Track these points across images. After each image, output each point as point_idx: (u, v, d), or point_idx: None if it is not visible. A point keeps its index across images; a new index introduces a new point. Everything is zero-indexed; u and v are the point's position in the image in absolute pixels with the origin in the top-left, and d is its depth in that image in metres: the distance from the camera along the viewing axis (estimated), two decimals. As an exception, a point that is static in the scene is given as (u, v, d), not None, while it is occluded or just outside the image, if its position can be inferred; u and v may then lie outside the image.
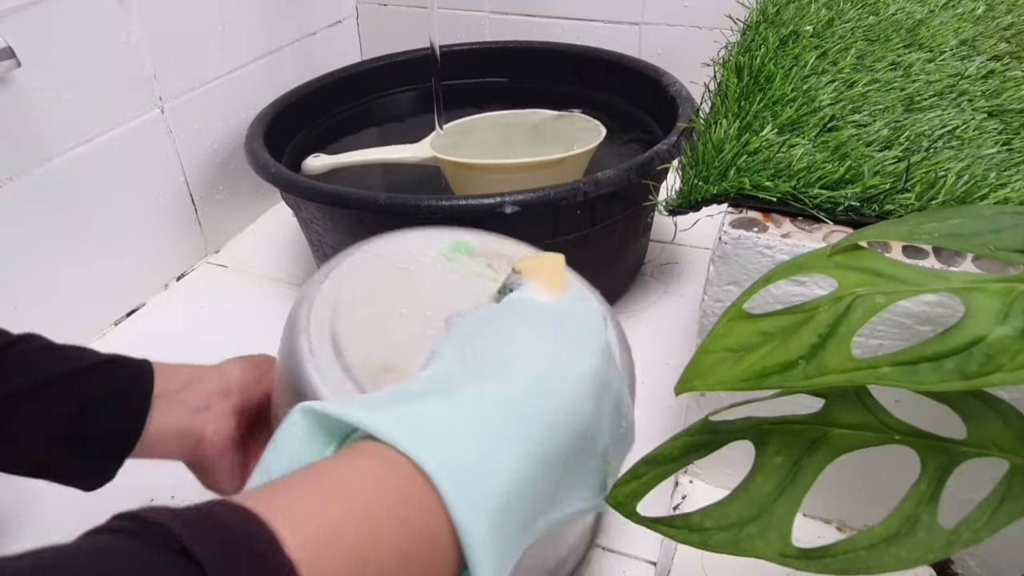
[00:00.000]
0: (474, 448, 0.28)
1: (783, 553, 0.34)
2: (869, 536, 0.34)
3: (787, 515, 0.35)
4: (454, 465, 0.27)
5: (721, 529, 0.35)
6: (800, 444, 0.36)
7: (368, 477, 0.26)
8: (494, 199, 0.61)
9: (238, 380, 0.47)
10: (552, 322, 0.37)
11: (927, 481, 0.35)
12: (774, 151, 0.49)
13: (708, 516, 0.36)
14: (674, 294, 0.83)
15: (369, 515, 0.25)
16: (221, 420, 0.46)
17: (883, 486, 0.40)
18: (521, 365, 0.32)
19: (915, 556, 0.33)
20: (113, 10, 0.74)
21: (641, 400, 0.70)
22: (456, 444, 0.27)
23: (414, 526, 0.26)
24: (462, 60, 0.98)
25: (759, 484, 0.35)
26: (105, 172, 0.77)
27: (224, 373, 0.47)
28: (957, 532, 0.34)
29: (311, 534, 0.23)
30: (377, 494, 0.26)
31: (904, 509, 0.35)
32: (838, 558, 0.34)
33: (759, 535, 0.34)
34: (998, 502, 0.33)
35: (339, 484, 0.26)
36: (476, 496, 0.26)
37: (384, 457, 0.27)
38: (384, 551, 0.25)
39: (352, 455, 0.28)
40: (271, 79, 0.96)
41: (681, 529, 0.36)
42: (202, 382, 0.46)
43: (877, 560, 0.34)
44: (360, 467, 0.27)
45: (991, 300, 0.30)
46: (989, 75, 0.58)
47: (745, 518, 0.35)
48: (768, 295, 0.47)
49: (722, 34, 0.72)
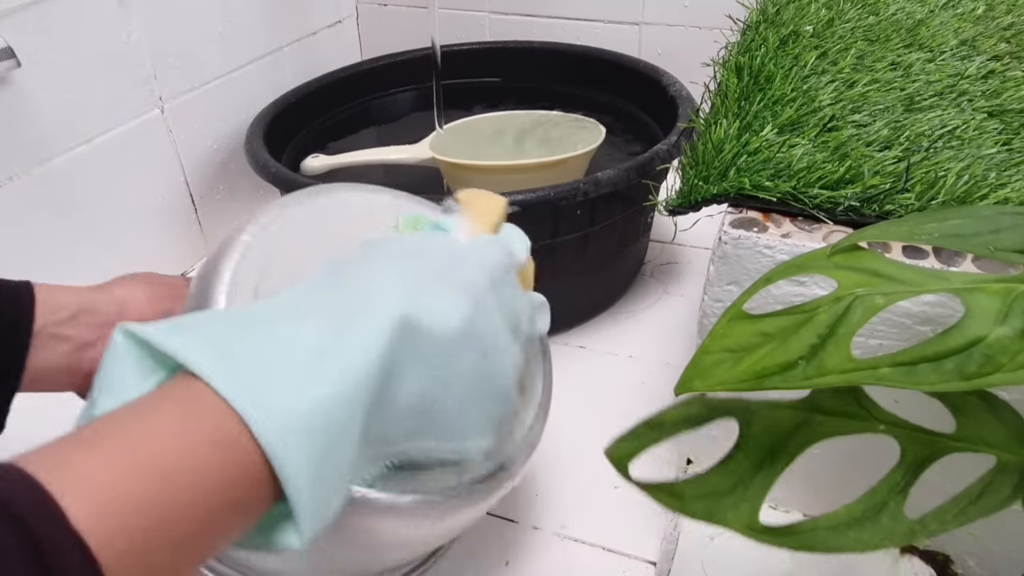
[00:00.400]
0: (279, 374, 0.26)
1: (750, 527, 0.35)
2: (832, 518, 0.35)
3: (760, 492, 0.35)
4: (257, 392, 0.25)
5: (698, 498, 0.36)
6: (783, 426, 0.36)
7: (170, 423, 0.24)
8: (494, 199, 0.61)
9: (135, 311, 0.42)
10: (433, 261, 0.35)
11: (903, 471, 0.35)
12: (774, 151, 0.49)
13: (688, 485, 0.36)
14: (674, 294, 0.83)
15: (169, 469, 0.23)
16: None
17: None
18: (373, 306, 0.30)
19: (874, 541, 0.34)
20: (113, 10, 0.74)
21: (641, 400, 0.70)
22: (262, 372, 0.26)
23: (223, 469, 0.24)
24: (462, 60, 0.98)
25: (739, 460, 0.36)
26: (105, 172, 0.77)
27: (119, 300, 0.42)
28: (923, 522, 0.34)
29: (102, 500, 0.21)
30: (179, 441, 0.24)
31: (873, 495, 0.35)
32: (798, 536, 0.35)
33: (732, 507, 0.35)
34: (975, 496, 0.34)
35: (138, 436, 0.24)
36: (280, 417, 0.25)
37: (194, 392, 0.25)
38: (189, 506, 0.23)
39: (162, 395, 0.26)
40: (271, 79, 0.96)
41: (663, 493, 0.37)
42: (91, 313, 0.41)
43: (835, 540, 0.34)
44: (165, 411, 0.25)
45: (991, 300, 0.30)
46: (989, 75, 0.58)
47: (721, 490, 0.35)
48: (768, 295, 0.47)
49: (722, 34, 0.72)
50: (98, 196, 0.77)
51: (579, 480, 0.61)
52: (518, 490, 0.61)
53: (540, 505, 0.60)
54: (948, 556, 0.53)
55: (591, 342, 0.76)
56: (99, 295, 0.42)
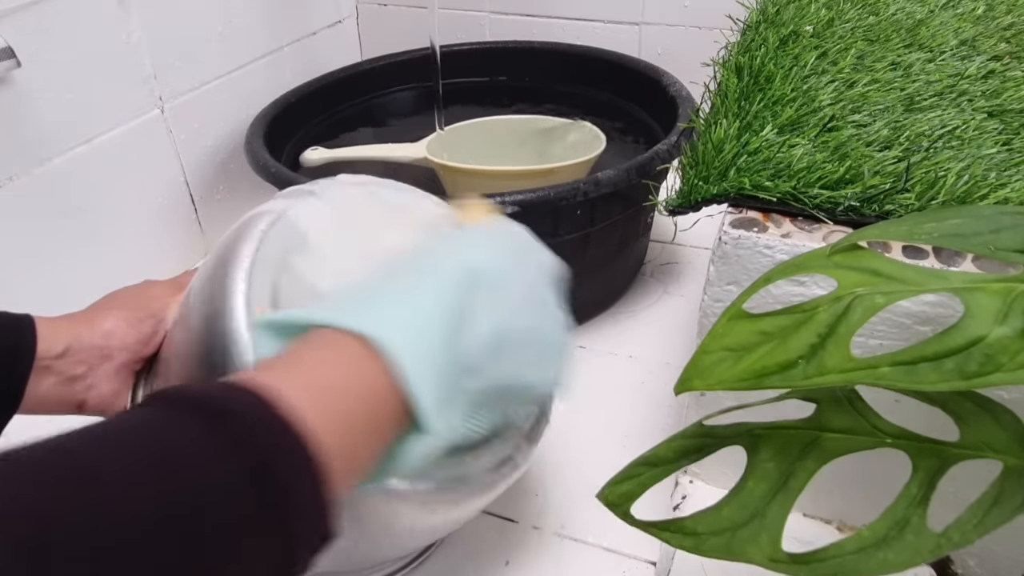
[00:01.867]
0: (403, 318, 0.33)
1: (773, 558, 0.34)
2: (857, 540, 0.34)
3: (778, 520, 0.35)
4: (392, 333, 0.32)
5: (713, 534, 0.35)
6: (792, 449, 0.36)
7: (333, 355, 0.32)
8: (494, 199, 0.61)
9: (119, 341, 0.45)
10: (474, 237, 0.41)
11: (917, 484, 0.35)
12: (774, 151, 0.49)
13: (700, 521, 0.36)
14: (674, 294, 0.83)
15: (343, 385, 0.31)
16: (103, 383, 0.45)
17: (883, 486, 0.40)
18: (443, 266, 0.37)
19: (903, 560, 0.33)
20: (113, 10, 0.74)
21: (641, 400, 0.70)
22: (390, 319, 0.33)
23: (374, 383, 0.31)
24: (462, 60, 0.98)
25: (751, 489, 0.36)
26: (105, 172, 0.77)
27: (104, 333, 0.45)
28: (947, 535, 0.34)
29: (309, 399, 0.28)
30: (342, 368, 0.31)
31: (893, 512, 0.35)
32: (826, 563, 0.34)
33: (750, 540, 0.35)
34: (990, 503, 0.33)
35: (315, 365, 0.31)
36: (410, 351, 0.32)
37: (335, 340, 0.32)
38: (361, 406, 0.31)
39: (313, 344, 0.33)
40: (271, 79, 0.96)
41: (675, 533, 0.36)
42: (79, 350, 0.44)
43: (865, 564, 0.34)
44: (326, 349, 0.32)
45: (991, 300, 0.30)
46: (989, 75, 0.58)
47: (737, 523, 0.35)
48: (768, 295, 0.47)
49: (722, 34, 0.72)
50: (98, 196, 0.77)
51: (579, 480, 0.61)
52: (518, 490, 0.61)
53: (540, 505, 0.60)
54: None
55: (591, 342, 0.76)
56: (85, 330, 0.45)
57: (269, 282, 0.39)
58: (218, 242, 0.43)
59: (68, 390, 0.44)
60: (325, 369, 0.31)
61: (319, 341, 0.33)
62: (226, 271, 0.39)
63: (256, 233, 0.41)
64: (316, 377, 0.30)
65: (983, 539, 0.33)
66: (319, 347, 0.32)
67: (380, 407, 0.31)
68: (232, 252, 0.40)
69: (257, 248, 0.40)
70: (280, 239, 0.41)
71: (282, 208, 0.43)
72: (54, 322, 0.44)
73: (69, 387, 0.44)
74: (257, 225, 0.41)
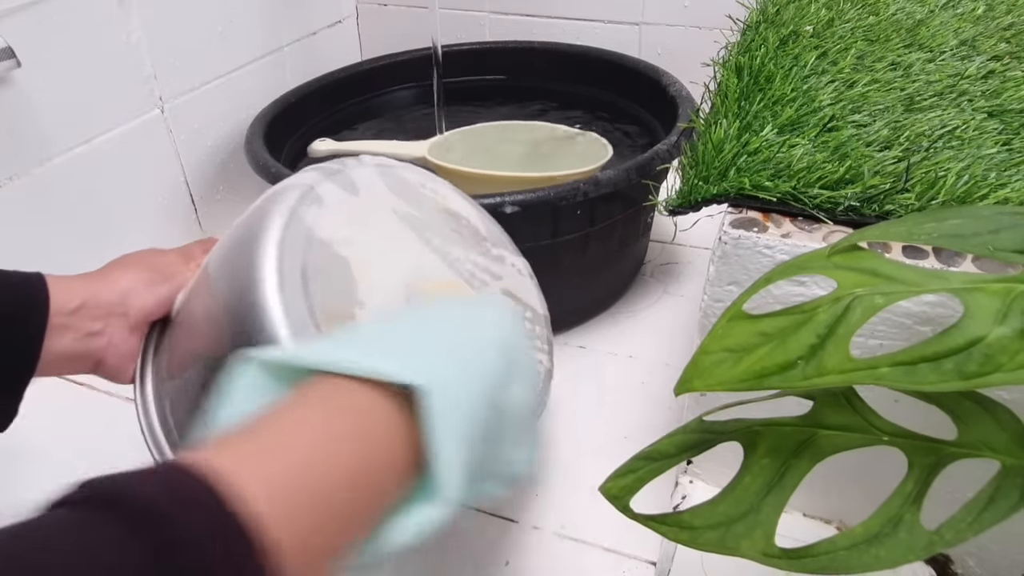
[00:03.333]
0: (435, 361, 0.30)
1: (766, 552, 0.34)
2: (850, 537, 0.35)
3: (772, 515, 0.35)
4: (425, 374, 0.29)
5: (709, 527, 0.35)
6: (788, 446, 0.36)
7: (324, 416, 0.28)
8: (494, 199, 0.61)
9: (138, 300, 0.45)
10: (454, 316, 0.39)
11: (913, 481, 0.35)
12: (774, 151, 0.49)
13: (697, 515, 0.36)
14: (674, 294, 0.83)
15: (326, 456, 0.26)
16: (120, 340, 0.44)
17: (883, 486, 0.40)
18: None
19: (895, 557, 0.34)
20: (113, 10, 0.74)
21: (641, 400, 0.70)
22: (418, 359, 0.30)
23: (372, 450, 0.28)
24: (462, 60, 0.98)
25: (747, 484, 0.36)
26: (105, 172, 0.77)
27: (121, 291, 0.45)
28: (940, 533, 0.34)
29: (275, 487, 0.24)
30: (334, 430, 0.27)
31: (887, 509, 0.35)
32: (818, 558, 0.34)
33: (745, 534, 0.35)
34: (985, 502, 0.33)
35: (296, 429, 0.27)
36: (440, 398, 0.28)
37: (344, 391, 0.28)
38: (343, 486, 0.26)
39: (312, 400, 0.29)
40: (271, 79, 0.96)
41: (672, 527, 0.36)
42: (96, 306, 0.44)
43: (857, 560, 0.34)
44: (324, 408, 0.28)
45: (990, 300, 0.30)
46: (989, 75, 0.58)
47: (732, 517, 0.35)
48: (768, 295, 0.47)
49: (722, 34, 0.72)
50: (98, 196, 0.77)
51: (579, 480, 0.61)
52: (518, 490, 0.61)
53: (540, 505, 0.60)
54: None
55: (591, 342, 0.76)
56: (102, 286, 0.45)
57: (300, 254, 0.39)
58: (244, 214, 0.43)
59: (86, 347, 0.43)
60: (314, 439, 0.27)
61: (321, 393, 0.29)
62: (257, 241, 0.39)
63: (286, 207, 0.40)
64: (296, 454, 0.26)
65: (982, 539, 0.33)
66: (317, 404, 0.28)
67: (376, 475, 0.28)
68: (261, 224, 0.40)
69: (287, 222, 0.39)
70: (309, 215, 0.41)
71: (311, 182, 0.43)
72: (68, 279, 0.44)
73: (87, 344, 0.43)
74: (287, 199, 0.41)
